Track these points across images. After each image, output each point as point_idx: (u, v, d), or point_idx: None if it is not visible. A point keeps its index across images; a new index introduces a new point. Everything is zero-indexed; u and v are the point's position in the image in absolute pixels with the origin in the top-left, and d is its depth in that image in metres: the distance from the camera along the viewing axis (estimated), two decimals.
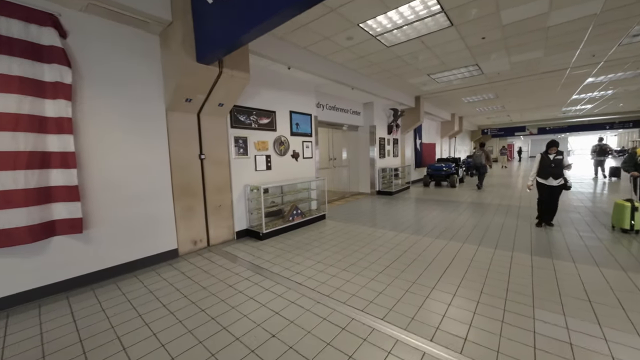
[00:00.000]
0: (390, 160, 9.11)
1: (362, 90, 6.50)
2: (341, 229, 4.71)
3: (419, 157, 11.36)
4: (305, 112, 5.57)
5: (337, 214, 5.92)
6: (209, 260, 3.49)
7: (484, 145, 9.28)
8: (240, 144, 4.32)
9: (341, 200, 7.62)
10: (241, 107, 4.31)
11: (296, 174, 5.41)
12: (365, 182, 8.48)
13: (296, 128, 5.35)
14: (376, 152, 8.26)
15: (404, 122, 9.66)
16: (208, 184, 3.95)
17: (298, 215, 4.91)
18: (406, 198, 7.69)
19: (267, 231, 4.26)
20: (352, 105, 7.74)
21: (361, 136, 8.44)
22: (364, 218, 5.45)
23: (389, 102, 8.27)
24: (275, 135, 4.93)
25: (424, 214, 5.63)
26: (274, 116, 4.88)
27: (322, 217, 5.43)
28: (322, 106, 6.59)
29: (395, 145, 9.46)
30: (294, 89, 5.27)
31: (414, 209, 6.17)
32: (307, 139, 5.63)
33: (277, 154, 4.97)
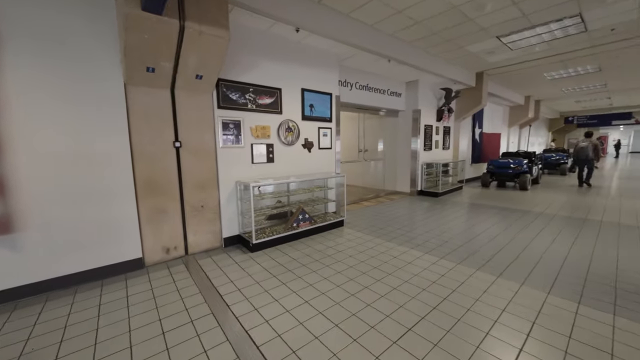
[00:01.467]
0: (438, 154, 7.42)
1: (402, 62, 5.05)
2: (359, 244, 3.55)
3: (478, 151, 9.25)
4: (324, 91, 4.43)
5: (361, 219, 4.74)
6: (173, 276, 2.72)
7: (591, 135, 7.41)
8: (230, 130, 3.43)
9: (372, 201, 6.35)
10: (232, 82, 3.40)
11: (309, 168, 4.37)
12: (404, 180, 7.01)
13: (310, 111, 4.27)
14: (420, 143, 6.70)
15: (460, 106, 7.77)
16: (186, 180, 3.17)
17: (305, 221, 3.89)
18: (456, 202, 6.06)
19: (258, 241, 3.34)
20: (391, 85, 6.29)
21: (401, 123, 6.94)
22: (395, 228, 4.17)
23: (440, 80, 6.57)
24: (281, 119, 3.93)
25: (481, 229, 4.09)
26: (279, 95, 3.86)
27: (340, 224, 4.32)
28: (349, 84, 5.35)
29: (447, 135, 7.69)
30: (308, 61, 4.16)
31: (466, 220, 4.63)
32: (324, 125, 4.51)
33: (282, 143, 3.97)
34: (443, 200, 6.24)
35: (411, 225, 4.33)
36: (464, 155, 8.78)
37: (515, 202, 5.98)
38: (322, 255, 3.20)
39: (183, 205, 3.18)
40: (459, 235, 3.84)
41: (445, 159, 7.57)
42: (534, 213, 4.98)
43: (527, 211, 5.13)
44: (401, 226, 4.31)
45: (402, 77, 6.26)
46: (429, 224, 4.37)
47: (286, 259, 3.11)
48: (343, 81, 5.22)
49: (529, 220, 4.50)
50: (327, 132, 4.55)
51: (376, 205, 5.85)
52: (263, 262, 3.04)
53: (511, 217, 4.76)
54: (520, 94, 10.12)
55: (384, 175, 7.19)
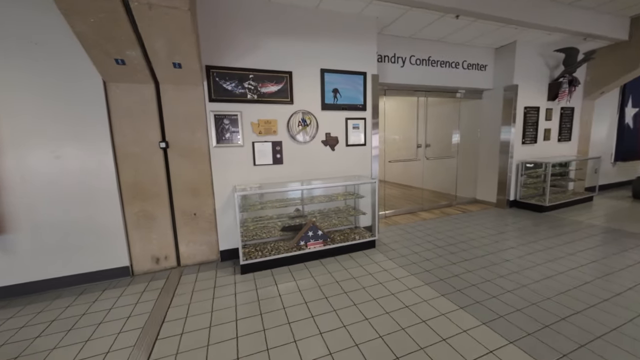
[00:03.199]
0: (548, 148, 5.10)
1: (483, 16, 3.43)
2: (387, 285, 2.48)
3: (630, 142, 6.03)
4: (354, 70, 3.39)
5: (407, 240, 3.52)
6: (143, 293, 2.41)
7: None
8: (225, 126, 2.92)
9: (435, 212, 4.86)
10: (227, 69, 2.85)
11: (332, 170, 3.46)
12: (489, 185, 5.10)
13: (333, 98, 3.33)
14: (515, 134, 4.68)
15: (596, 74, 5.11)
16: (176, 184, 2.85)
17: (317, 240, 3.05)
18: (579, 224, 3.91)
19: (249, 262, 2.73)
20: (469, 54, 4.55)
21: (486, 107, 5.03)
22: (454, 263, 2.83)
23: (555, 38, 4.35)
24: (292, 110, 3.17)
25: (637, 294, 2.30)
26: (289, 80, 3.10)
27: (369, 246, 3.27)
28: (399, 60, 4.06)
29: (566, 121, 5.20)
30: (330, 33, 3.22)
31: (601, 266, 2.78)
32: (355, 115, 3.48)
33: (294, 140, 3.22)
34: (552, 219, 4.16)
35: (485, 262, 2.87)
36: (599, 150, 5.86)
37: None
38: (323, 294, 2.32)
39: (173, 212, 2.88)
40: (587, 299, 2.22)
41: (561, 156, 5.15)
42: None
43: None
44: (467, 261, 2.91)
45: (486, 41, 4.43)
46: (521, 265, 2.79)
47: (270, 292, 2.39)
48: (390, 56, 4.00)
49: None
50: (358, 124, 3.51)
51: (439, 219, 4.38)
52: (242, 294, 2.41)
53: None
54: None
55: (456, 177, 5.44)
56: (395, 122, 5.47)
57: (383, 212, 4.68)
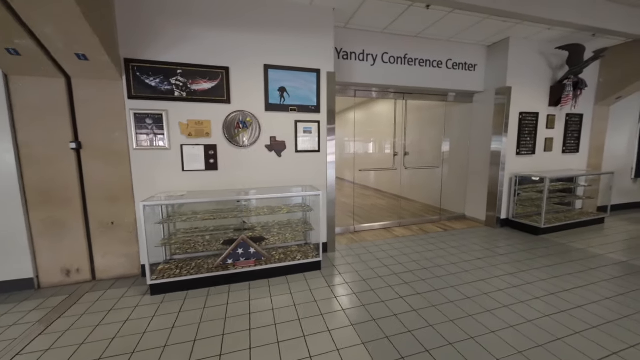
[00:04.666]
0: (548, 159, 4.44)
1: (460, 5, 2.95)
2: (305, 323, 2.05)
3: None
4: (305, 67, 3.00)
5: (361, 263, 3.05)
6: (42, 309, 2.12)
7: None
8: (148, 126, 2.61)
9: (413, 229, 4.32)
10: (150, 63, 2.55)
11: (279, 178, 3.07)
12: (478, 200, 4.50)
13: (279, 97, 2.95)
14: (508, 144, 4.09)
15: (612, 77, 4.42)
16: (90, 189, 2.57)
17: (249, 259, 2.66)
18: (576, 253, 3.26)
19: (159, 282, 2.39)
20: (455, 51, 4.03)
21: (477, 112, 4.46)
22: (400, 294, 2.35)
23: (556, 33, 3.76)
24: (229, 110, 2.82)
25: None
26: (225, 77, 2.76)
27: (314, 267, 2.83)
28: (369, 57, 3.62)
29: (572, 129, 4.51)
30: (276, 24, 2.85)
31: (584, 310, 2.20)
32: (307, 118, 3.08)
33: (231, 144, 2.86)
34: (547, 244, 3.52)
35: (440, 298, 2.36)
36: (616, 164, 5.07)
37: None
38: (215, 332, 1.92)
39: (87, 219, 2.60)
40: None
41: (563, 170, 4.46)
42: None
43: None
44: (419, 295, 2.41)
45: (473, 37, 3.89)
46: (484, 304, 2.27)
47: (164, 322, 2.02)
48: (358, 53, 3.57)
49: None
50: (310, 128, 3.10)
51: (414, 238, 3.86)
52: (133, 321, 2.05)
53: None
54: None
55: (440, 190, 4.86)
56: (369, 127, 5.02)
57: (352, 226, 4.21)
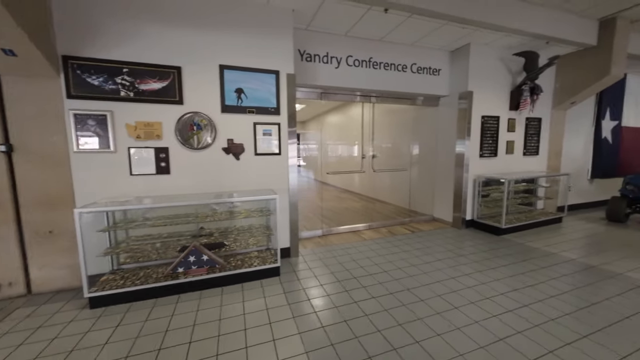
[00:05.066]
0: (510, 161, 4.59)
1: (419, 11, 2.99)
2: (250, 333, 1.96)
3: (609, 157, 5.50)
4: (263, 68, 2.94)
5: (323, 268, 3.00)
6: None
7: None
8: (90, 127, 2.46)
9: (382, 231, 4.33)
10: (91, 61, 2.41)
11: (237, 182, 2.98)
12: (445, 201, 4.58)
13: (236, 99, 2.87)
14: (471, 147, 4.19)
15: (566, 82, 4.65)
16: (24, 194, 2.37)
17: (201, 267, 2.54)
18: (532, 252, 3.36)
19: (100, 294, 2.23)
20: (420, 56, 4.10)
21: (443, 115, 4.56)
22: (354, 299, 2.31)
23: (515, 40, 3.91)
24: (181, 111, 2.70)
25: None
26: (176, 77, 2.65)
27: (272, 274, 2.75)
28: (333, 60, 3.61)
29: (531, 132, 4.70)
30: (233, 23, 2.77)
31: (530, 309, 2.24)
32: (266, 120, 3.01)
33: (184, 146, 2.75)
34: (507, 244, 3.61)
35: (394, 302, 2.34)
36: (574, 165, 5.34)
37: None
38: (150, 346, 1.80)
39: (21, 228, 2.40)
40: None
41: (522, 172, 4.63)
42: None
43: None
44: (374, 299, 2.38)
45: (436, 43, 3.98)
46: (436, 306, 2.27)
47: (95, 339, 1.87)
48: (322, 56, 3.55)
49: None
50: (270, 130, 3.04)
51: (381, 241, 3.85)
52: (61, 339, 1.89)
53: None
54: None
55: (409, 192, 4.93)
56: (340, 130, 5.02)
57: (321, 230, 4.16)
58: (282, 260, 3.14)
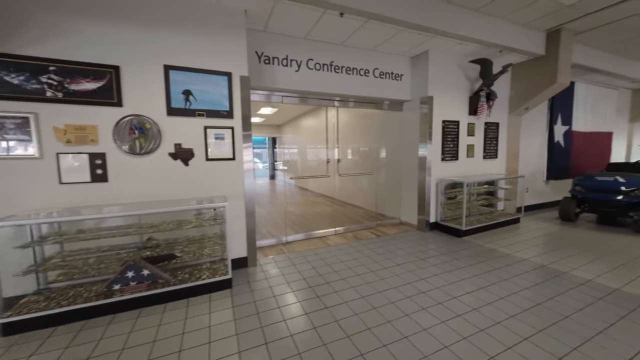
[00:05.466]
0: (471, 165, 4.74)
1: (373, 16, 3.00)
2: (184, 356, 1.80)
3: (562, 160, 5.85)
4: (213, 70, 2.81)
5: (279, 277, 2.87)
6: None
7: None
8: (10, 131, 2.21)
9: (348, 236, 4.28)
10: (11, 57, 2.17)
11: (186, 189, 2.80)
12: (411, 205, 4.63)
13: (184, 101, 2.72)
14: (433, 151, 4.27)
15: (520, 89, 4.88)
16: None
17: (141, 283, 2.34)
18: (488, 253, 3.44)
19: (11, 319, 1.97)
20: (382, 61, 4.13)
21: (407, 120, 4.63)
22: (306, 310, 2.21)
23: (471, 48, 4.05)
24: (120, 114, 2.50)
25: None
26: (114, 76, 2.46)
27: (224, 286, 2.59)
28: (292, 63, 3.55)
29: (490, 136, 4.89)
30: (179, 22, 2.62)
31: (479, 313, 2.25)
32: (218, 123, 2.87)
33: (125, 152, 2.54)
34: (467, 246, 3.68)
35: (346, 311, 2.27)
36: (531, 168, 5.62)
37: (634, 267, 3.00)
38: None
39: None
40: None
41: (488, 174, 4.79)
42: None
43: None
44: (326, 310, 2.29)
45: (397, 48, 4.04)
46: (386, 314, 2.21)
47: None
48: (281, 58, 3.47)
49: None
50: (223, 135, 2.90)
51: (346, 246, 3.79)
52: None
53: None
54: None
55: (375, 196, 4.95)
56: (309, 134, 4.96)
57: (285, 237, 4.04)
58: (237, 271, 2.98)
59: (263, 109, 7.48)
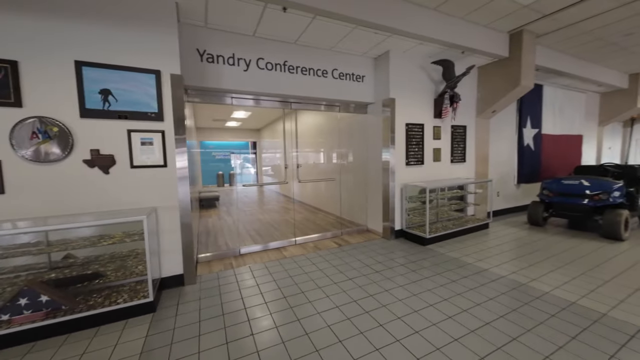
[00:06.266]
0: (438, 169, 4.58)
1: (322, 12, 2.80)
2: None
3: (532, 163, 5.80)
4: (137, 67, 2.52)
5: (212, 298, 2.58)
6: None
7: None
8: None
9: (309, 245, 4.02)
10: None
11: (106, 200, 2.48)
12: (375, 211, 4.43)
13: (102, 101, 2.42)
14: (396, 155, 4.09)
15: (486, 92, 4.79)
16: None
17: (37, 312, 2.01)
18: (451, 263, 3.24)
19: None
20: (340, 62, 3.94)
21: (371, 123, 4.45)
22: (223, 340, 1.94)
23: (432, 49, 3.91)
24: (19, 115, 2.18)
25: None
26: (10, 72, 2.14)
27: (145, 311, 2.28)
28: (241, 62, 3.30)
29: (457, 140, 4.76)
30: (95, 13, 2.33)
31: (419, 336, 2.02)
32: (144, 126, 2.58)
33: (27, 160, 2.22)
34: (429, 255, 3.48)
35: (296, 334, 2.00)
36: (502, 171, 5.53)
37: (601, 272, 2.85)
38: None
39: None
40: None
41: (455, 178, 4.65)
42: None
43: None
44: (269, 333, 2.02)
45: (356, 48, 3.85)
46: (324, 339, 1.96)
47: None
48: (227, 57, 3.22)
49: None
50: (152, 139, 2.60)
51: (302, 257, 3.53)
52: None
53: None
54: (618, 70, 6.16)
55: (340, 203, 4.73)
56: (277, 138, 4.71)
57: (238, 249, 3.75)
58: (170, 291, 2.68)
59: (236, 113, 7.21)
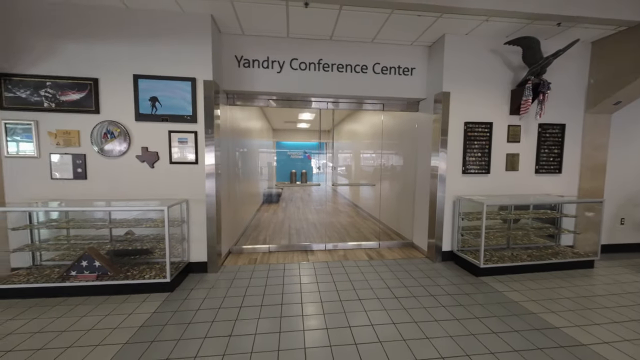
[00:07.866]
0: (512, 180, 3.54)
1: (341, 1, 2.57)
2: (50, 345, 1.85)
3: None
4: (178, 76, 2.88)
5: (218, 290, 2.73)
6: None
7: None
8: (19, 134, 2.75)
9: (338, 253, 3.79)
10: (20, 76, 2.70)
11: (151, 190, 2.95)
12: (422, 226, 3.78)
13: (151, 107, 2.88)
14: (450, 161, 3.38)
15: (604, 76, 3.44)
16: None
17: (92, 273, 2.56)
18: (510, 307, 2.44)
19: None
20: (381, 55, 3.52)
21: (422, 122, 3.82)
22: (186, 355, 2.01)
23: (502, 25, 3.03)
24: (97, 120, 2.82)
25: None
26: (94, 88, 2.78)
27: (164, 289, 2.60)
28: (275, 64, 3.36)
29: (549, 143, 3.55)
30: (147, 34, 2.80)
31: None
32: (182, 128, 2.94)
33: (100, 154, 2.86)
34: (482, 290, 2.73)
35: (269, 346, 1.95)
36: (625, 190, 3.83)
37: None
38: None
39: None
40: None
41: (542, 194, 3.49)
42: None
43: None
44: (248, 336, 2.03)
45: (401, 37, 3.35)
46: None
47: None
48: (262, 61, 3.34)
49: None
50: (186, 139, 2.95)
51: (324, 265, 3.37)
52: None
53: None
54: None
55: (379, 211, 4.22)
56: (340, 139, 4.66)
57: (267, 246, 3.87)
58: (194, 276, 2.99)
59: (302, 115, 7.54)
